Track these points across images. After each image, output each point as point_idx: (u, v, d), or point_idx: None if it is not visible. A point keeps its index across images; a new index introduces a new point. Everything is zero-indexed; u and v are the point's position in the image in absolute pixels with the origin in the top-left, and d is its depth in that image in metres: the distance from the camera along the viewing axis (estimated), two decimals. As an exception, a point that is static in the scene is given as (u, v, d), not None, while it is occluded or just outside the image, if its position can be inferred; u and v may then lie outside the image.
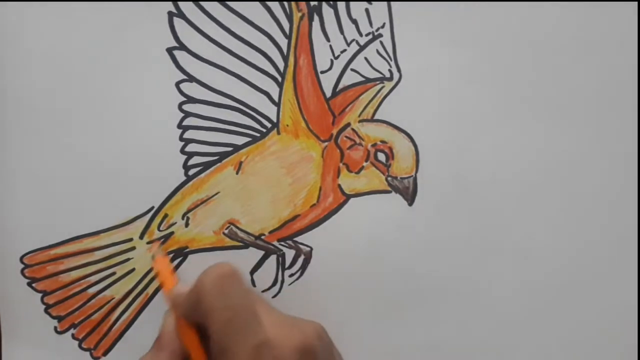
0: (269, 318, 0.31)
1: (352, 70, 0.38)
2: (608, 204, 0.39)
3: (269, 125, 0.38)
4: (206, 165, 0.38)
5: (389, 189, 0.39)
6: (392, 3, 0.38)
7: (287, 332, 0.31)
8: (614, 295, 0.39)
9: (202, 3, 0.37)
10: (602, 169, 0.39)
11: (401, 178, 0.38)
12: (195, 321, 0.33)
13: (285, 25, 0.37)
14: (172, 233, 0.39)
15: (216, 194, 0.38)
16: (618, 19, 0.38)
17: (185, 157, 0.38)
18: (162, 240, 0.38)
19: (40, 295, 0.39)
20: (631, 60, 0.38)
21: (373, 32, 0.38)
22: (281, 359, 0.30)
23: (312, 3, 0.37)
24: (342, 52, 0.38)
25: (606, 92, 0.39)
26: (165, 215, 0.38)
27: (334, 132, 0.38)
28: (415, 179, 0.38)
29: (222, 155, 0.38)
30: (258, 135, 0.38)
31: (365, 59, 0.38)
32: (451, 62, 0.38)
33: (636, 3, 0.38)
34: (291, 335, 0.31)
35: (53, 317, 0.39)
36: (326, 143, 0.38)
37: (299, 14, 0.37)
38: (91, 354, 0.39)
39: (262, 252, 0.39)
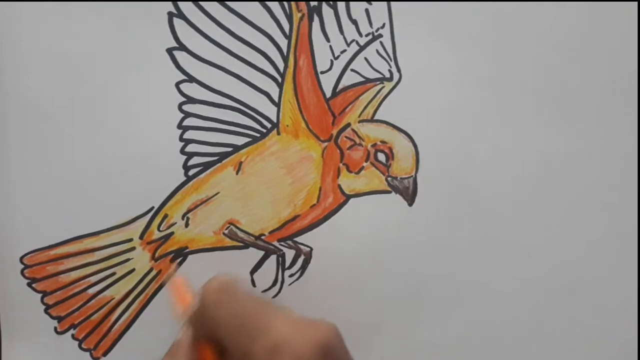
0: (281, 319, 0.31)
1: (352, 70, 0.38)
2: (608, 204, 0.39)
3: (269, 125, 0.38)
4: (206, 166, 0.38)
5: (389, 189, 0.39)
6: (392, 3, 0.38)
7: (304, 331, 0.30)
8: (614, 295, 0.39)
9: (202, 3, 0.37)
10: (602, 169, 0.39)
11: (401, 178, 0.38)
12: (209, 336, 0.33)
13: (285, 25, 0.37)
14: (172, 233, 0.39)
15: (216, 194, 0.38)
16: (618, 19, 0.38)
17: (185, 157, 0.38)
18: (177, 263, 0.38)
19: (40, 295, 0.39)
20: (631, 60, 0.38)
21: (373, 33, 0.38)
22: (301, 356, 0.29)
23: (312, 3, 0.37)
24: (342, 52, 0.38)
25: (606, 92, 0.39)
26: (165, 216, 0.38)
27: (334, 132, 0.38)
28: (415, 179, 0.38)
29: (222, 156, 0.38)
30: (258, 135, 0.38)
31: (365, 59, 0.38)
32: (451, 62, 0.38)
33: (636, 3, 0.38)
34: (308, 333, 0.30)
35: (53, 318, 0.39)
36: (326, 143, 0.38)
37: (299, 14, 0.37)
38: (91, 354, 0.39)
39: (262, 252, 0.39)
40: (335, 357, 0.30)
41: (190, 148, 0.38)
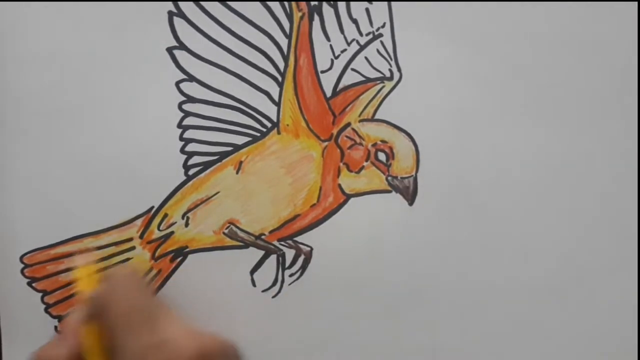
0: (169, 322, 0.31)
1: (353, 69, 0.38)
2: (609, 204, 0.39)
3: (269, 124, 0.38)
4: (206, 165, 0.38)
5: (389, 188, 0.39)
6: (393, 3, 0.38)
7: (186, 338, 0.31)
8: (614, 296, 0.40)
9: (202, 3, 0.37)
10: (603, 169, 0.39)
11: (401, 178, 0.38)
12: (102, 319, 0.33)
13: (286, 24, 0.37)
14: (172, 233, 0.39)
15: (216, 193, 0.38)
16: (618, 19, 0.38)
17: (185, 156, 0.38)
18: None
19: (40, 295, 0.39)
20: (631, 60, 0.38)
21: (373, 32, 0.38)
22: None
23: (312, 2, 0.37)
24: (342, 51, 0.38)
25: (607, 92, 0.39)
26: (165, 215, 0.38)
27: (334, 131, 0.38)
28: (415, 179, 0.38)
29: (222, 155, 0.38)
30: (258, 134, 0.38)
31: (366, 58, 0.38)
32: (452, 62, 0.38)
33: (636, 3, 0.38)
34: (190, 341, 0.30)
35: (53, 317, 0.39)
36: (326, 143, 0.38)
37: (299, 14, 0.37)
38: (91, 354, 0.39)
39: (262, 252, 0.39)
40: None
41: (190, 147, 0.38)
